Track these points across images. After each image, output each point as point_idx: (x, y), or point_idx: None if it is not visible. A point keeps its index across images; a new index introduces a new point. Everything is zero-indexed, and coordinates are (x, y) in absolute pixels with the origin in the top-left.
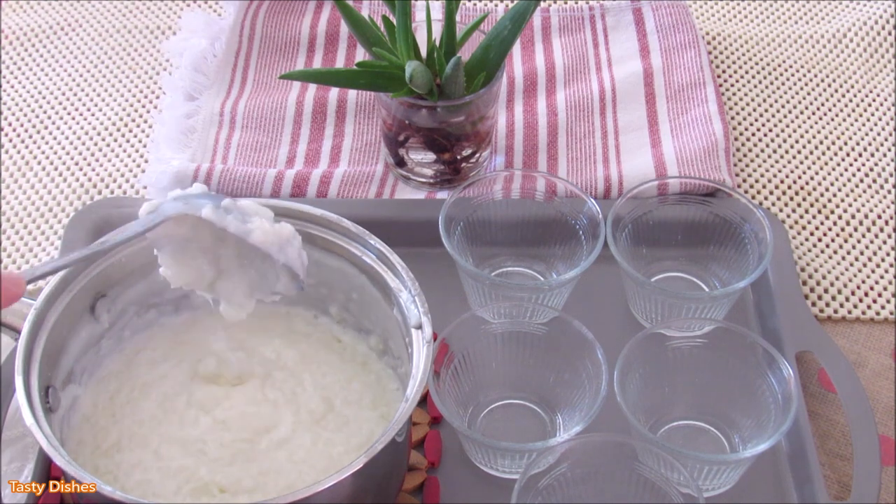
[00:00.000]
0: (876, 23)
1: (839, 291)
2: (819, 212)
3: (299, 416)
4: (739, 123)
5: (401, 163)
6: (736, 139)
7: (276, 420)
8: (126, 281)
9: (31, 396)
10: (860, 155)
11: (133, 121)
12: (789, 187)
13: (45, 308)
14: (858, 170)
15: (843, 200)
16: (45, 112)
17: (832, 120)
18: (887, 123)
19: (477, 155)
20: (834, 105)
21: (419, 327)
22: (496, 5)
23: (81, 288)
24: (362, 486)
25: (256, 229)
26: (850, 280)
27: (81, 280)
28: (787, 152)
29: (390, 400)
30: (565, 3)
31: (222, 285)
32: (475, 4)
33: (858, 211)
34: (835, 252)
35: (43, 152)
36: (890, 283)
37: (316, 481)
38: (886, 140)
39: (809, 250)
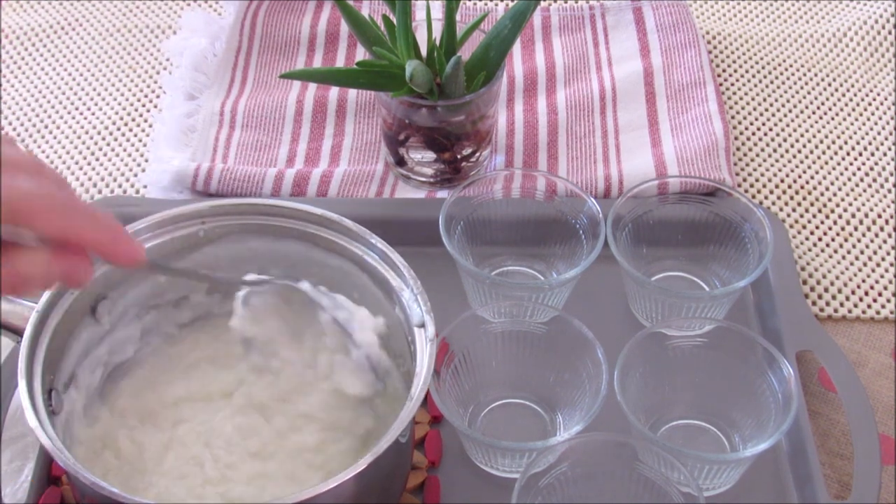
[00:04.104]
0: (876, 22)
1: (839, 291)
2: (819, 211)
3: (308, 429)
4: (739, 123)
5: (401, 162)
6: (736, 138)
7: (284, 436)
8: (127, 283)
9: (35, 399)
10: (860, 154)
11: (133, 120)
12: (789, 186)
13: (47, 310)
14: (859, 169)
15: (843, 200)
16: (45, 112)
17: (832, 119)
18: (887, 123)
19: (477, 154)
20: (834, 104)
21: (422, 325)
22: (496, 5)
23: (83, 290)
24: (366, 486)
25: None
26: (851, 279)
27: None
28: (787, 151)
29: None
30: (565, 2)
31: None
32: (475, 4)
33: (859, 210)
34: (835, 251)
35: (43, 152)
36: (890, 282)
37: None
38: (886, 139)
39: (810, 249)
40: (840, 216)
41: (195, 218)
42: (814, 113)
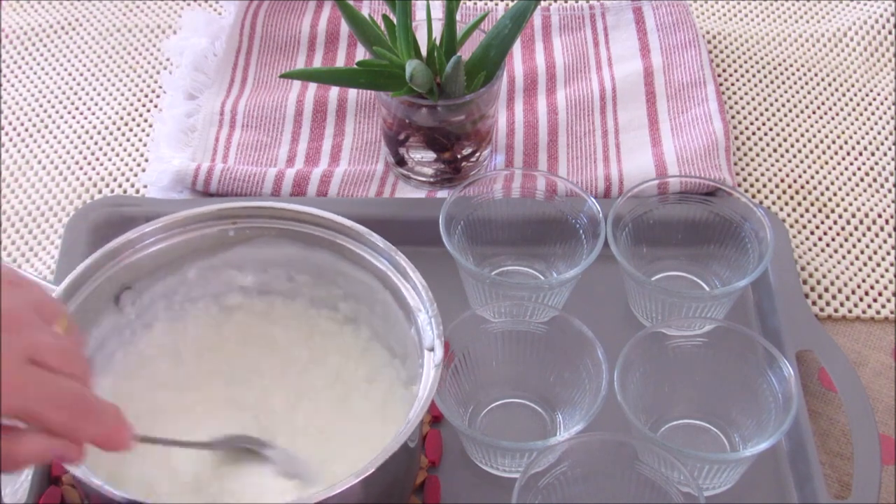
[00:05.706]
0: (876, 22)
1: (839, 290)
2: (819, 210)
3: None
4: (740, 122)
5: (401, 162)
6: (736, 138)
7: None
8: (155, 275)
9: None
10: (860, 154)
11: (133, 120)
12: (790, 186)
13: (66, 297)
14: (859, 168)
15: (843, 199)
16: (45, 111)
17: (832, 119)
18: (887, 122)
19: (477, 154)
20: (834, 104)
21: (432, 349)
22: (496, 4)
23: (106, 279)
24: (374, 490)
25: None
26: (851, 279)
27: (107, 271)
28: (787, 151)
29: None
30: (566, 2)
31: None
32: (475, 3)
33: (859, 210)
34: (835, 251)
35: (43, 151)
36: (890, 281)
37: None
38: (887, 139)
39: (810, 249)
40: (840, 216)
41: (226, 217)
42: (814, 113)
